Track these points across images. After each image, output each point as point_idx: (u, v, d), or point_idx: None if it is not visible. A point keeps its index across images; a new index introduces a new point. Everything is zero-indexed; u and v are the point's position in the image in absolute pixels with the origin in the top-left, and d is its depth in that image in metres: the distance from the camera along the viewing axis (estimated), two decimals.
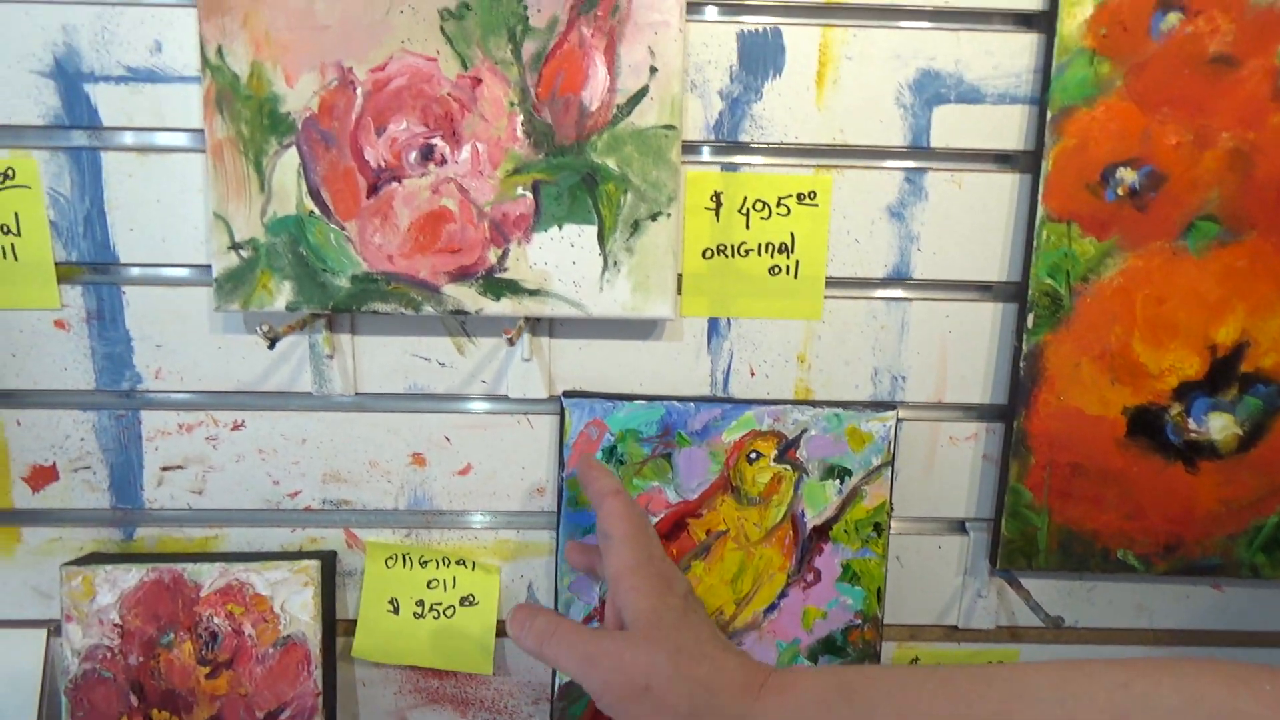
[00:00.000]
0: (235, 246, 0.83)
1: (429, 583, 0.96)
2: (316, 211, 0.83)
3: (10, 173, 0.86)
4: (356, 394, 0.93)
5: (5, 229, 0.87)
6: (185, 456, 0.93)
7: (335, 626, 0.96)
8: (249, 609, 0.91)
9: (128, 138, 0.86)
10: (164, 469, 0.94)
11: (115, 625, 0.90)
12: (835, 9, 0.84)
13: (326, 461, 0.94)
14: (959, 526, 0.97)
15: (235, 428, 0.93)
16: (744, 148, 0.87)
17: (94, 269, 0.89)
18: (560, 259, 0.85)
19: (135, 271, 0.89)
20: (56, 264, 0.88)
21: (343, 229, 0.84)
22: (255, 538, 0.96)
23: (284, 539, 0.96)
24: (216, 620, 0.91)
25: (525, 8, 0.80)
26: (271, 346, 0.80)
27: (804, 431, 0.91)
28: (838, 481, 0.91)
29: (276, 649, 0.91)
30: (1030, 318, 0.86)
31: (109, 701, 0.91)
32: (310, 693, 0.92)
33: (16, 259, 0.88)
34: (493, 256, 0.85)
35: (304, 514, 0.96)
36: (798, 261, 0.89)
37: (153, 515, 0.95)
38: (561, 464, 0.91)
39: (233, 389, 0.92)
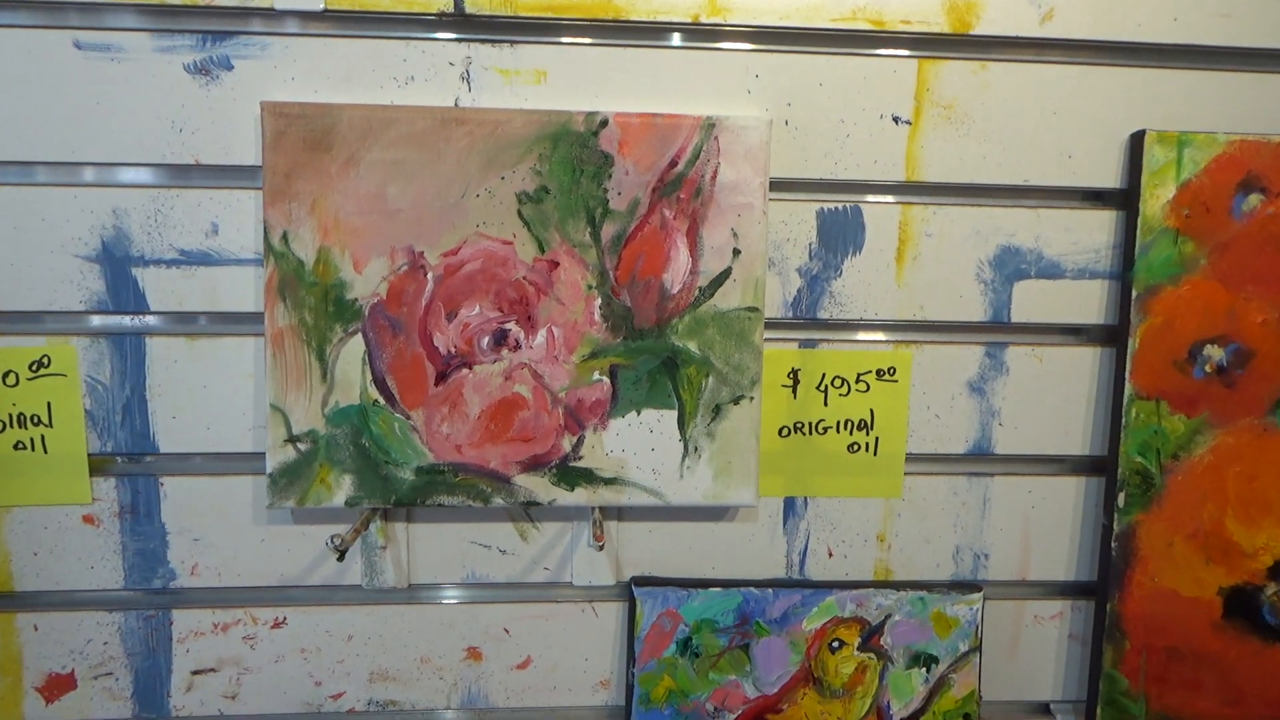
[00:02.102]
0: (293, 439, 0.78)
1: None
2: (381, 401, 0.78)
3: (45, 361, 0.80)
4: (410, 585, 0.86)
5: (35, 419, 0.81)
6: (219, 658, 0.86)
7: None
8: None
9: (176, 322, 0.81)
10: (195, 673, 0.86)
11: None
12: (915, 187, 0.83)
13: (374, 659, 0.87)
14: (1043, 709, 0.92)
15: (276, 625, 0.86)
16: (823, 324, 0.85)
17: (130, 459, 0.83)
18: (638, 445, 0.80)
19: (175, 461, 0.83)
20: (90, 455, 0.82)
21: (408, 418, 0.79)
22: None
23: None
24: None
25: (605, 190, 0.78)
26: (341, 558, 0.73)
27: (888, 617, 0.86)
28: (924, 670, 0.86)
29: None
30: (1121, 497, 0.83)
31: None
32: None
33: (46, 452, 0.81)
34: (567, 444, 0.80)
35: (348, 717, 0.88)
36: (877, 438, 0.86)
37: None
38: (631, 657, 0.85)
39: (275, 583, 0.85)
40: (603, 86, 0.79)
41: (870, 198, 0.83)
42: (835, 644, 0.86)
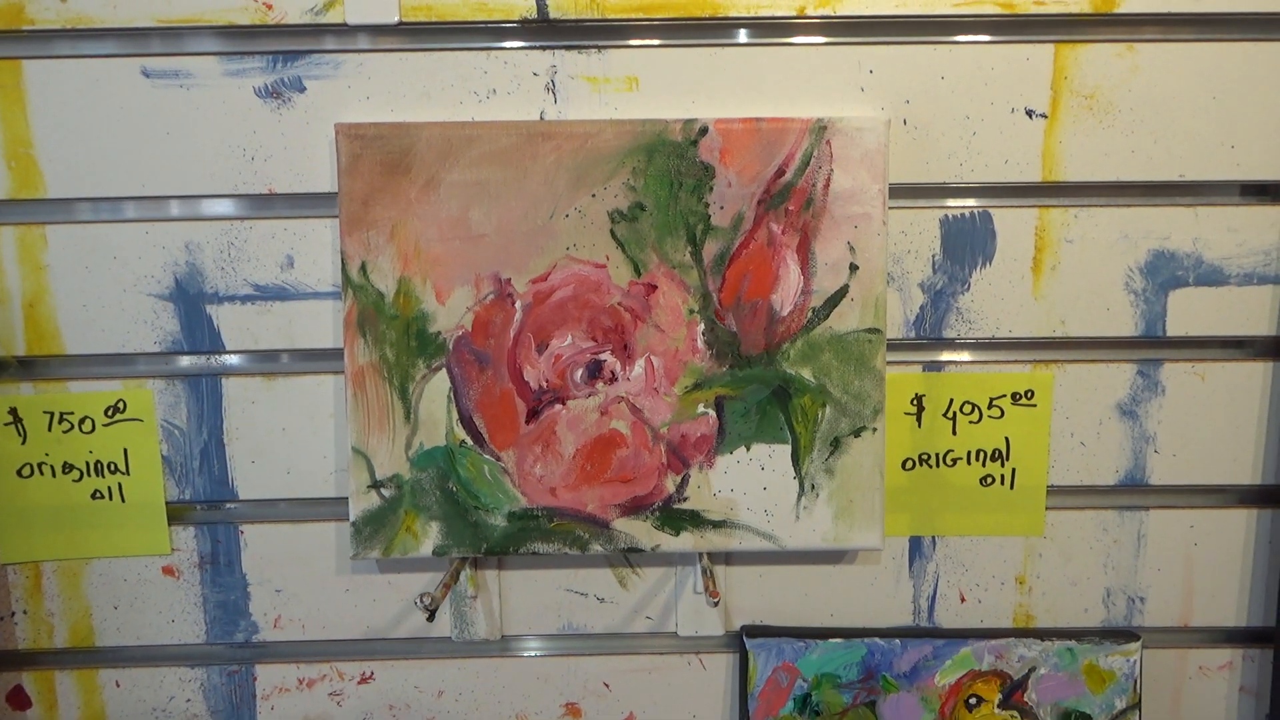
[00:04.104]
0: (376, 485, 0.72)
1: None
2: (469, 441, 0.72)
3: (121, 405, 0.76)
4: (502, 637, 0.80)
5: (113, 468, 0.77)
6: (305, 716, 0.81)
7: None
8: None
9: (253, 361, 0.76)
10: None
11: None
12: (1053, 188, 0.74)
13: (466, 716, 0.81)
14: None
15: (363, 680, 0.80)
16: (949, 344, 0.76)
17: (210, 507, 0.78)
18: (749, 484, 0.73)
19: (255, 508, 0.78)
20: (168, 504, 0.77)
21: (498, 460, 0.72)
22: None
23: None
24: None
25: (706, 205, 0.71)
26: (431, 618, 0.67)
27: (1032, 670, 0.76)
28: None
29: None
30: None
31: None
32: None
33: (124, 500, 0.77)
34: (670, 485, 0.73)
35: None
36: (1014, 470, 0.77)
37: None
38: (745, 716, 0.77)
39: (361, 635, 0.80)
40: (700, 91, 0.72)
41: (1001, 202, 0.74)
42: (973, 700, 0.77)
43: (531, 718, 0.81)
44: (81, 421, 0.77)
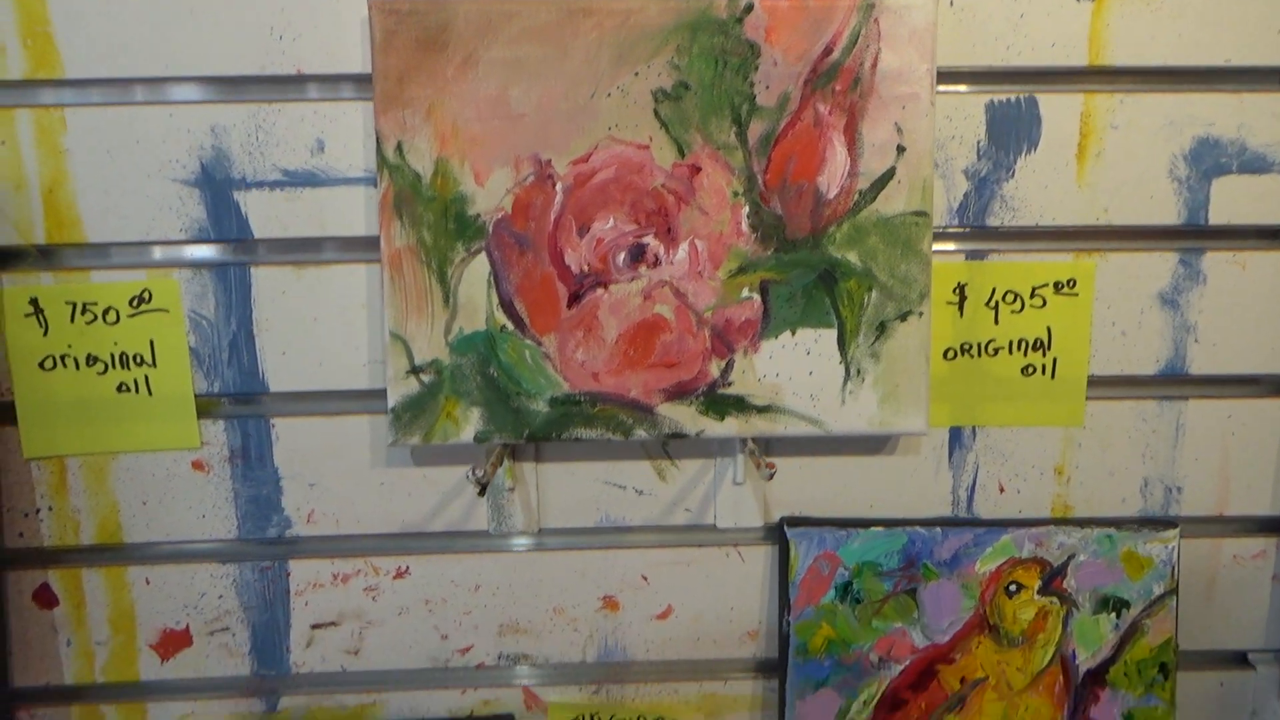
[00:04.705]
0: (415, 370, 0.71)
1: None
2: (509, 326, 0.71)
3: (146, 295, 0.74)
4: (540, 531, 0.79)
5: (139, 359, 0.75)
6: (340, 612, 0.80)
7: None
8: None
9: (282, 250, 0.74)
10: (314, 627, 0.80)
11: None
12: (1100, 73, 0.73)
13: (504, 610, 0.80)
14: (1239, 658, 0.83)
15: (398, 575, 0.79)
16: (993, 233, 0.75)
17: (239, 400, 0.76)
18: (794, 369, 0.72)
19: (287, 401, 0.76)
20: (196, 396, 0.76)
21: (540, 345, 0.71)
22: (419, 703, 0.82)
23: (452, 703, 0.82)
24: None
25: (751, 85, 0.69)
26: (482, 493, 0.66)
27: (1072, 557, 0.77)
28: (1114, 615, 0.77)
29: None
30: None
31: None
32: None
33: (151, 394, 0.76)
34: (715, 370, 0.72)
35: (476, 672, 0.82)
36: (1055, 359, 0.77)
37: (300, 681, 0.81)
38: (786, 604, 0.77)
39: (396, 531, 0.79)
40: None
41: (1048, 86, 0.73)
42: (1012, 587, 0.77)
43: (569, 611, 0.80)
44: (105, 312, 0.74)
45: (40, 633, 0.79)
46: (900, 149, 0.70)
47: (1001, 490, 0.79)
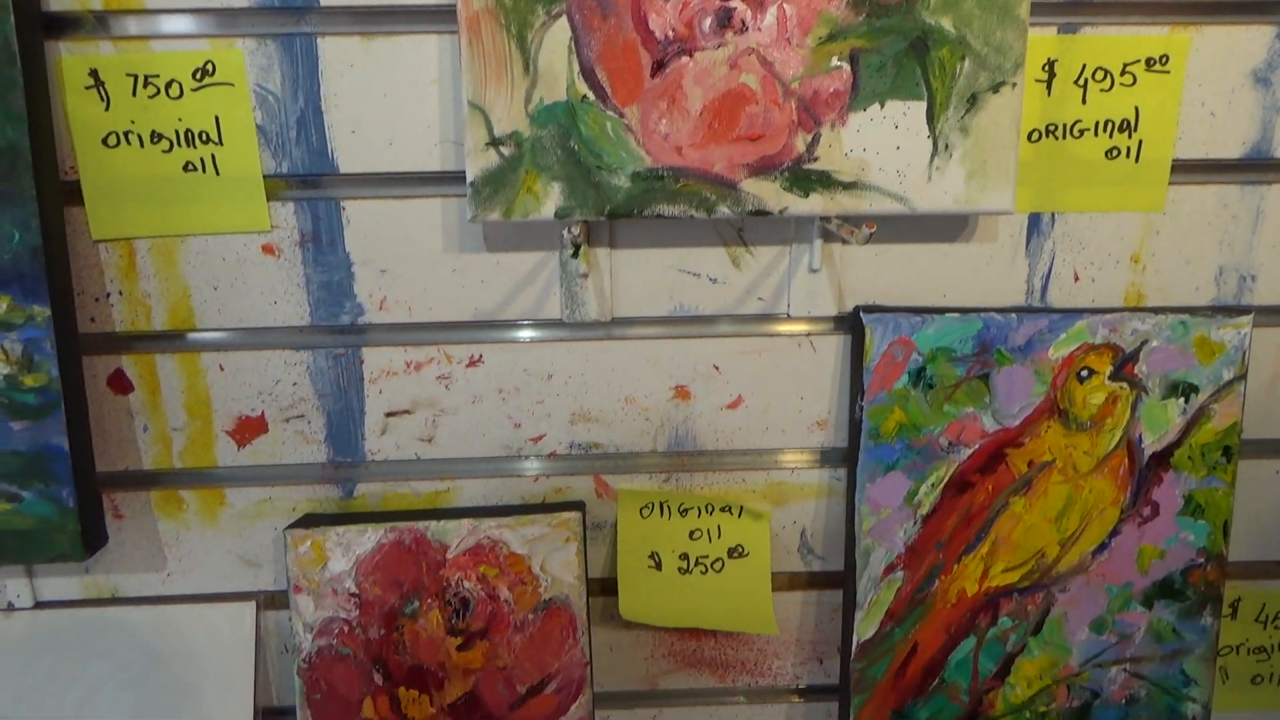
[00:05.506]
0: (495, 142, 0.69)
1: (691, 533, 0.83)
2: (590, 96, 0.69)
3: (210, 68, 0.72)
4: (613, 320, 0.79)
5: (204, 137, 0.73)
6: (413, 400, 0.80)
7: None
8: (504, 570, 0.79)
9: (350, 20, 0.71)
10: (389, 415, 0.81)
11: (351, 595, 0.78)
12: None
13: (576, 399, 0.81)
14: None
15: (471, 364, 0.80)
16: (1087, 5, 0.72)
17: (308, 183, 0.75)
18: (881, 144, 0.70)
19: (357, 183, 0.75)
20: (265, 177, 0.74)
21: (622, 117, 0.69)
22: (491, 490, 0.83)
23: (524, 490, 0.83)
24: (467, 585, 0.79)
25: None
26: (575, 254, 0.65)
27: (1144, 343, 0.77)
28: (1182, 400, 0.78)
29: (537, 614, 0.79)
30: None
31: (349, 681, 0.79)
32: (578, 662, 0.80)
33: (218, 173, 0.74)
34: (801, 144, 0.70)
35: (548, 461, 0.83)
36: (1140, 141, 0.75)
37: (375, 468, 0.82)
38: (859, 389, 0.78)
39: (469, 319, 0.79)
40: None
41: None
42: (1084, 373, 0.78)
43: (640, 400, 0.81)
44: (168, 85, 0.72)
45: (117, 419, 0.79)
46: None
47: (1076, 279, 0.79)
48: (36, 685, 0.82)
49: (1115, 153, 0.75)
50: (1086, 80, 0.74)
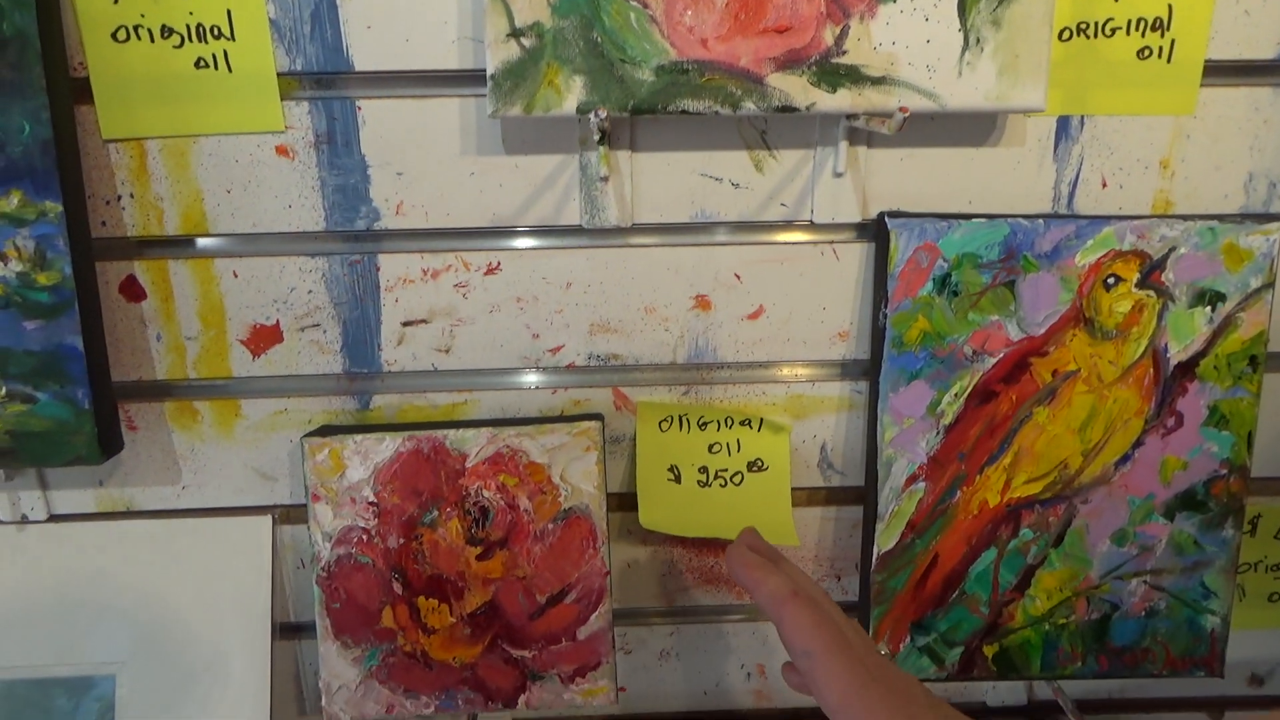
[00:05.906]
0: (516, 34, 0.67)
1: (710, 446, 0.83)
2: None
3: None
4: (633, 226, 0.78)
5: (216, 31, 0.71)
6: (430, 309, 0.79)
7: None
8: (523, 479, 0.78)
9: None
10: (405, 324, 0.79)
11: (370, 503, 0.77)
12: None
13: (595, 309, 0.80)
14: None
15: (489, 271, 0.78)
16: None
17: (322, 81, 0.73)
18: (911, 37, 0.69)
19: (373, 82, 0.73)
20: (279, 75, 0.72)
21: (645, 7, 0.68)
22: (509, 402, 0.82)
23: (543, 402, 0.82)
24: (486, 494, 0.78)
25: None
26: (602, 140, 0.64)
27: (1172, 250, 0.76)
28: (1209, 309, 0.77)
29: (557, 524, 0.79)
30: None
31: (368, 590, 0.79)
32: (598, 571, 0.79)
33: (230, 70, 0.72)
34: (829, 37, 0.69)
35: (567, 373, 0.82)
36: (1173, 41, 0.74)
37: (392, 379, 0.81)
38: (883, 296, 0.77)
39: (487, 224, 0.77)
40: None
41: None
42: (1111, 280, 0.77)
43: (660, 309, 0.80)
44: None
45: (129, 326, 0.78)
46: None
47: (1104, 185, 0.78)
48: (50, 599, 0.81)
49: (1147, 53, 0.74)
50: None
